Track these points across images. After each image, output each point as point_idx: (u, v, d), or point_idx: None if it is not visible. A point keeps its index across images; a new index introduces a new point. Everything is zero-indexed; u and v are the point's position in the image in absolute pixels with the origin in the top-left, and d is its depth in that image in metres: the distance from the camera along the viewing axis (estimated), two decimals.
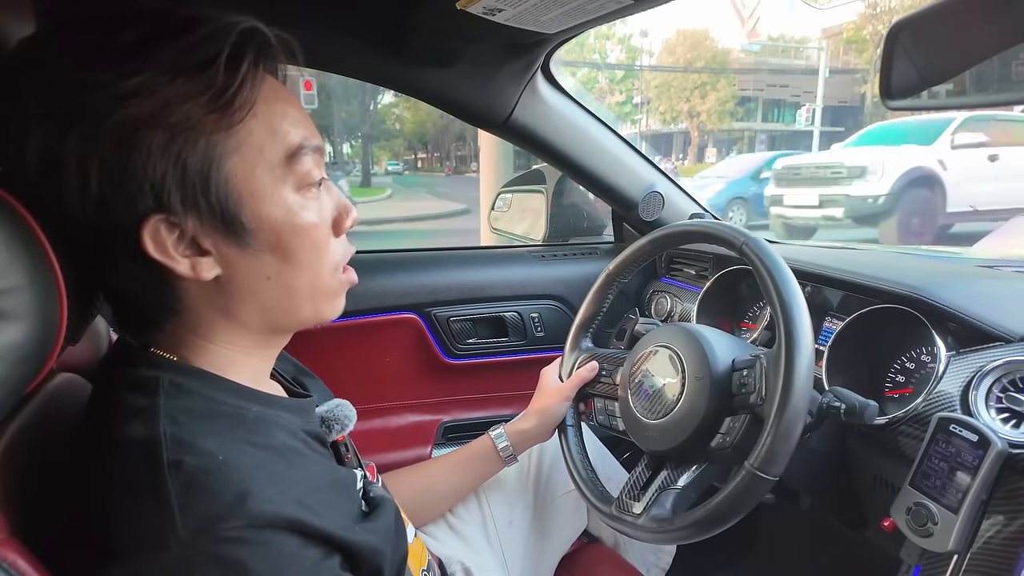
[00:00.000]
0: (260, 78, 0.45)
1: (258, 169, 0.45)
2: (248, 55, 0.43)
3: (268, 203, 0.46)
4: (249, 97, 0.43)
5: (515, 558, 0.91)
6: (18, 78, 0.41)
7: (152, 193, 0.42)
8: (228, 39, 0.42)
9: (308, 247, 0.49)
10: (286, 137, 0.46)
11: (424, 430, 1.23)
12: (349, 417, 0.59)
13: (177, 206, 0.43)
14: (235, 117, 0.43)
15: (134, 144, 0.40)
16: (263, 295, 0.48)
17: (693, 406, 0.71)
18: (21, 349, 0.41)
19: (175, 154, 0.41)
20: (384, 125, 26.45)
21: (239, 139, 0.44)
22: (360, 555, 0.47)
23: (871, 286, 0.85)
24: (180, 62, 0.41)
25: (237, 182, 0.44)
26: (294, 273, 0.49)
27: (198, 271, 0.45)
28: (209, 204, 0.43)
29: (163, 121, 0.41)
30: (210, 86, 0.41)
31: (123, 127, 0.40)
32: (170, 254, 0.43)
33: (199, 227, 0.44)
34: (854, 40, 23.48)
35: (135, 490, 0.40)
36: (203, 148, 0.42)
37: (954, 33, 0.64)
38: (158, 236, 0.43)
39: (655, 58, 28.88)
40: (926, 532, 0.64)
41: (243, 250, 0.46)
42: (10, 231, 0.40)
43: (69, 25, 0.42)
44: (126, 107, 0.40)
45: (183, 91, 0.41)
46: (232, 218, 0.44)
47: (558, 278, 1.29)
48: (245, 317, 0.49)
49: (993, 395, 0.68)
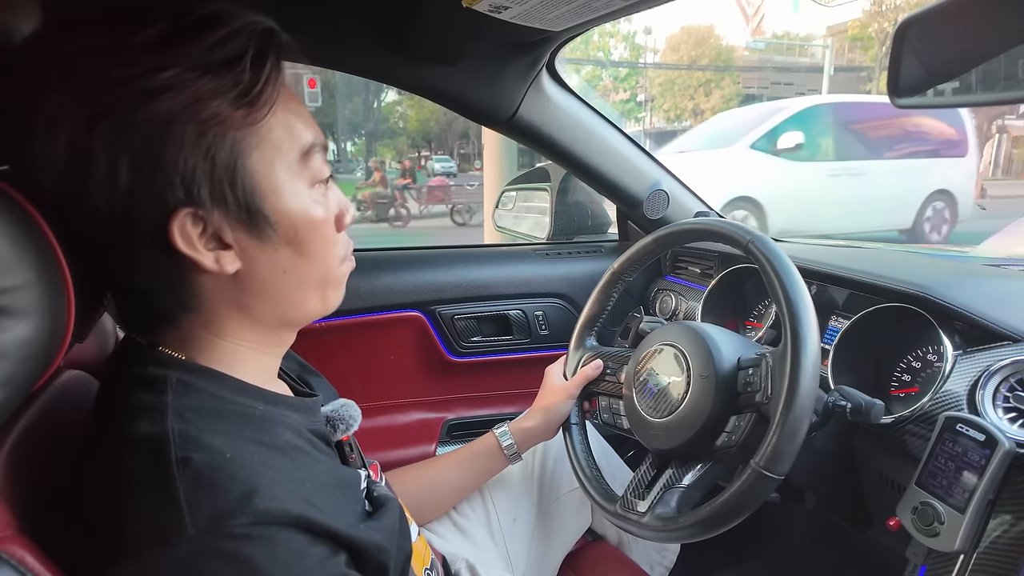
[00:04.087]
0: (281, 78, 0.46)
1: (277, 165, 0.46)
2: (271, 55, 0.45)
3: (287, 197, 0.47)
4: (271, 95, 0.45)
5: (519, 556, 0.91)
6: (43, 75, 0.41)
7: (183, 186, 0.42)
8: (252, 38, 0.43)
9: (320, 241, 0.50)
10: (301, 136, 0.48)
11: (428, 428, 1.24)
12: (354, 417, 0.60)
13: (206, 199, 0.43)
14: (259, 114, 0.44)
15: (166, 138, 0.41)
16: (278, 289, 0.50)
17: (698, 405, 0.71)
18: (29, 346, 0.41)
19: (205, 148, 0.42)
20: (387, 123, 26.45)
21: (261, 136, 0.45)
22: (365, 552, 0.48)
23: (877, 285, 0.85)
24: (206, 59, 0.42)
25: (260, 177, 0.45)
26: (307, 266, 0.50)
27: (222, 264, 0.45)
28: (235, 197, 0.44)
29: (194, 116, 0.41)
30: (237, 83, 0.43)
31: (155, 121, 0.40)
32: (196, 247, 0.44)
33: (224, 220, 0.45)
34: (859, 38, 23.38)
35: (143, 486, 0.40)
36: (230, 143, 0.43)
37: (961, 31, 0.64)
38: (185, 229, 0.43)
39: (659, 55, 28.82)
40: (932, 532, 0.63)
41: (263, 244, 0.47)
42: (18, 229, 0.40)
43: (86, 21, 0.42)
44: (158, 101, 0.40)
45: (211, 87, 0.42)
46: (256, 211, 0.46)
47: (562, 276, 1.29)
48: (259, 311, 0.50)
49: (1000, 394, 0.67)
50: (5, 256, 0.39)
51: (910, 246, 4.02)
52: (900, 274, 0.84)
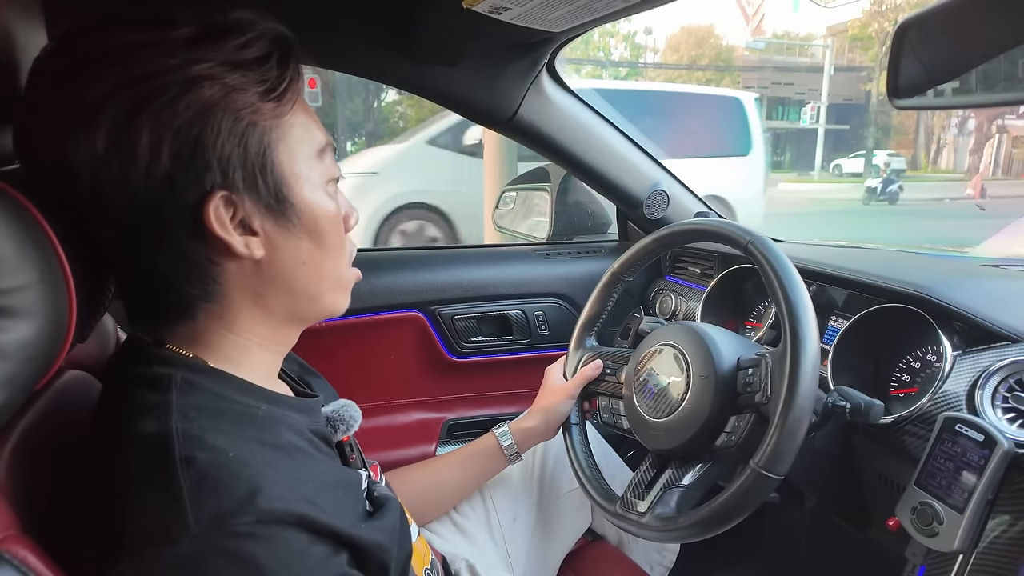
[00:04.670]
0: (300, 80, 0.50)
1: (299, 158, 0.49)
2: (293, 57, 0.48)
3: (309, 188, 0.50)
4: (294, 94, 0.49)
5: (519, 555, 0.91)
6: (82, 71, 0.42)
7: (219, 169, 0.45)
8: (276, 41, 0.47)
9: (336, 234, 0.53)
10: (315, 135, 0.51)
11: (428, 428, 1.24)
12: (355, 418, 0.60)
13: (239, 184, 0.46)
14: (284, 108, 0.48)
15: (206, 122, 0.43)
16: (296, 280, 0.51)
17: (698, 405, 0.71)
18: (31, 347, 0.41)
19: (239, 135, 0.45)
20: (388, 123, 26.46)
21: (284, 130, 0.48)
22: (367, 552, 0.48)
23: (877, 285, 0.85)
24: (237, 57, 0.45)
25: (285, 167, 0.48)
26: (324, 259, 0.53)
27: (251, 248, 0.47)
28: (265, 183, 0.47)
29: (230, 105, 0.44)
30: (265, 80, 0.46)
31: (196, 106, 0.43)
32: (228, 231, 0.46)
33: (254, 206, 0.47)
34: (859, 37, 23.41)
35: (147, 485, 0.41)
36: (260, 133, 0.46)
37: (961, 31, 0.64)
38: (219, 213, 0.45)
39: (659, 55, 28.82)
40: (931, 532, 0.64)
41: (287, 232, 0.49)
42: (20, 229, 0.40)
43: (114, 24, 0.44)
44: (200, 87, 0.43)
45: (243, 81, 0.45)
46: (283, 198, 0.48)
47: (562, 276, 1.29)
48: (274, 303, 0.52)
49: (999, 395, 0.68)
50: (7, 257, 0.39)
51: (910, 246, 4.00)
52: (899, 274, 0.84)
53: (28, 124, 0.45)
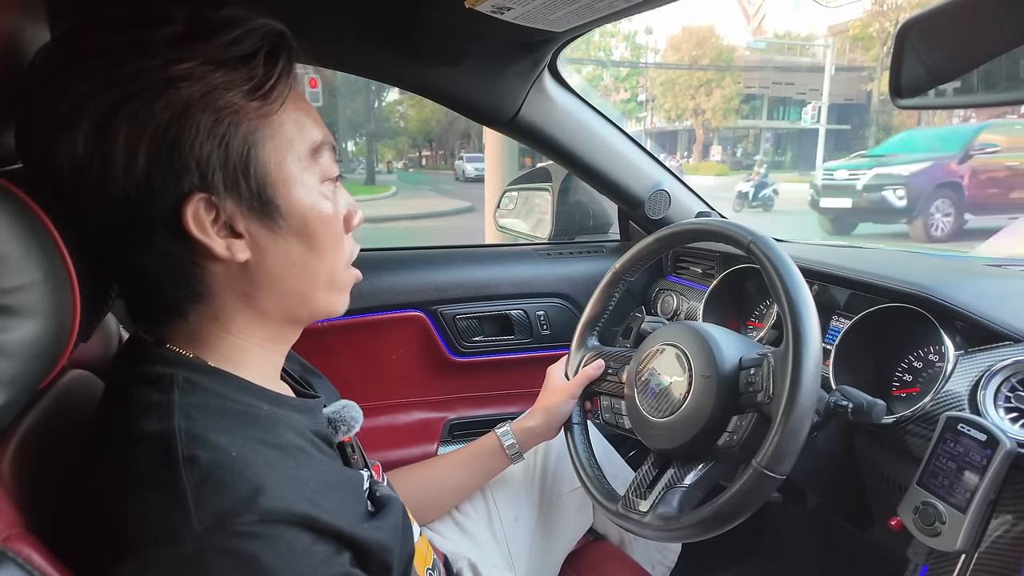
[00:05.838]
0: (293, 76, 0.49)
1: (289, 158, 0.48)
2: (283, 54, 0.47)
3: (298, 189, 0.49)
4: (283, 91, 0.47)
5: (521, 555, 0.91)
6: (67, 71, 0.42)
7: (197, 171, 0.44)
8: (266, 38, 0.46)
9: (330, 236, 0.52)
10: (311, 132, 0.50)
11: (430, 427, 1.24)
12: (356, 418, 0.60)
13: (219, 186, 0.45)
14: (272, 107, 0.46)
15: (184, 123, 0.43)
16: (286, 282, 0.51)
17: (700, 404, 0.71)
18: (35, 345, 0.41)
19: (220, 135, 0.44)
20: (388, 123, 26.45)
21: (273, 129, 0.47)
22: (369, 551, 0.48)
23: (879, 285, 0.85)
24: (222, 55, 0.44)
25: (271, 167, 0.47)
26: (316, 261, 0.51)
27: (233, 251, 0.47)
28: (248, 185, 0.46)
29: (211, 104, 0.43)
30: (251, 77, 0.45)
31: (174, 106, 0.42)
32: (208, 233, 0.45)
33: (236, 209, 0.46)
34: (860, 37, 23.39)
35: (150, 484, 0.41)
36: (244, 133, 0.45)
37: (963, 31, 0.64)
38: (198, 215, 0.45)
39: (660, 55, 28.82)
40: (934, 531, 0.64)
41: (274, 234, 0.48)
42: (24, 228, 0.41)
43: (105, 23, 0.44)
44: (178, 88, 0.42)
45: (226, 80, 0.44)
46: (268, 200, 0.47)
47: (564, 276, 1.29)
48: (266, 304, 0.51)
49: (1002, 394, 0.68)
50: (11, 256, 0.39)
51: (912, 246, 4.00)
52: (901, 274, 0.84)
53: (22, 123, 0.46)
